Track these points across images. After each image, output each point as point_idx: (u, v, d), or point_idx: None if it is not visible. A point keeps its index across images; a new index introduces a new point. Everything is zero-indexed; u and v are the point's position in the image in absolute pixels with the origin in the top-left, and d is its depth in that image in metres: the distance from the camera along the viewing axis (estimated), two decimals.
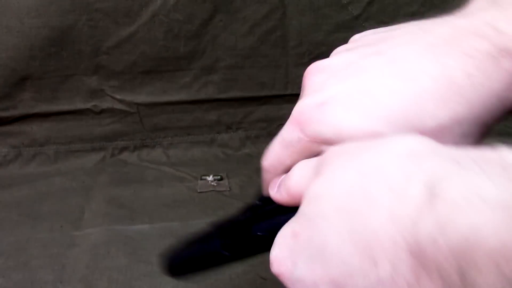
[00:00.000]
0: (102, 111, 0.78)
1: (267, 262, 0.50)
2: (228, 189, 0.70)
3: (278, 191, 0.26)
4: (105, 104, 0.78)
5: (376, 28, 0.28)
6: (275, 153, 0.28)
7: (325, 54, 0.28)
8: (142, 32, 0.74)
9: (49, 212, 0.65)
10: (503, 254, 0.14)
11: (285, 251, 0.22)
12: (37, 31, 0.70)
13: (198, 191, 0.70)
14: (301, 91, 0.27)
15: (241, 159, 0.79)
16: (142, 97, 0.78)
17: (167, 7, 0.73)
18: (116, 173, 0.76)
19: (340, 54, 0.26)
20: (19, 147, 0.78)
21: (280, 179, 0.26)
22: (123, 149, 0.81)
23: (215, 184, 0.71)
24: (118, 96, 0.78)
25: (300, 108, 0.25)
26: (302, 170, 0.24)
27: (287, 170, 0.27)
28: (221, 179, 0.72)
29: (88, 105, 0.77)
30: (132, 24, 0.73)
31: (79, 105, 0.77)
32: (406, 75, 0.23)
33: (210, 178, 0.72)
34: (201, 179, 0.73)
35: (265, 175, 0.29)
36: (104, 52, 0.74)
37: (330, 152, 0.22)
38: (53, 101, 0.76)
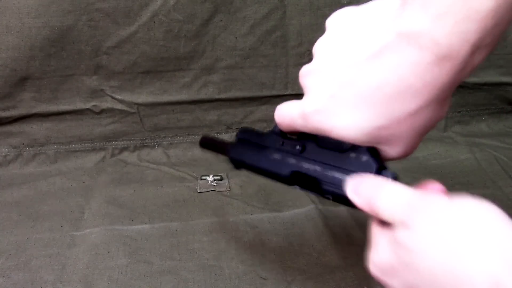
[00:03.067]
0: (102, 111, 0.78)
1: (267, 262, 0.51)
2: (228, 189, 0.70)
3: (358, 198, 0.32)
4: (105, 104, 0.78)
5: None
6: (284, 119, 0.36)
7: None
8: (142, 32, 0.74)
9: (49, 212, 0.65)
10: None
11: (384, 274, 0.30)
12: (37, 31, 0.70)
13: (198, 191, 0.70)
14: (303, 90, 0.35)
15: None
16: (142, 97, 0.78)
17: (167, 7, 0.73)
18: (116, 173, 0.76)
19: (320, 54, 0.34)
20: (19, 147, 0.78)
21: (359, 186, 0.32)
22: (123, 149, 0.81)
23: (215, 184, 0.71)
24: (118, 96, 0.78)
25: (306, 109, 0.34)
26: (393, 204, 0.29)
27: (290, 131, 0.37)
28: (221, 179, 0.72)
29: (88, 105, 0.77)
30: (132, 24, 0.73)
31: (79, 105, 0.77)
32: (373, 84, 0.30)
33: (210, 178, 0.72)
34: (201, 179, 0.73)
35: (277, 125, 0.38)
36: (104, 52, 0.74)
37: (420, 202, 0.28)
38: (53, 101, 0.76)
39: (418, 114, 0.30)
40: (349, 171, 0.33)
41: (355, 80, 0.31)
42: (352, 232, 0.59)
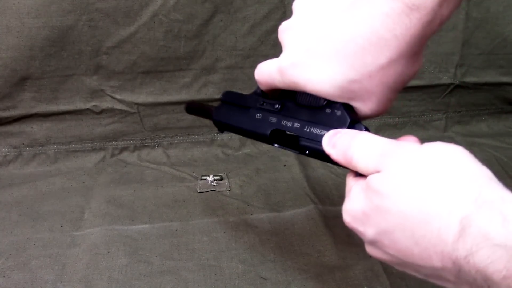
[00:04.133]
0: (102, 111, 0.78)
1: (267, 262, 0.51)
2: (228, 189, 0.70)
3: (334, 150, 0.32)
4: (105, 104, 0.78)
5: None
6: (263, 76, 0.38)
7: None
8: (142, 32, 0.74)
9: (49, 212, 0.65)
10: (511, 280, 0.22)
11: (357, 222, 0.30)
12: (37, 31, 0.70)
13: (198, 191, 0.70)
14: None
15: (241, 159, 0.79)
16: (142, 97, 0.78)
17: (167, 7, 0.73)
18: (116, 173, 0.76)
19: (299, 11, 0.35)
20: (19, 147, 0.78)
21: (335, 137, 0.33)
22: (123, 149, 0.81)
23: (215, 184, 0.71)
24: (118, 96, 0.78)
25: (282, 63, 0.35)
26: (366, 152, 0.30)
27: (269, 88, 0.38)
28: (221, 179, 0.72)
29: (88, 105, 0.77)
30: (132, 24, 0.73)
31: (79, 105, 0.77)
32: (346, 37, 0.31)
33: (210, 178, 0.72)
34: (201, 179, 0.73)
35: (258, 84, 0.40)
36: (104, 52, 0.74)
37: (392, 148, 0.29)
38: (53, 101, 0.76)
39: (389, 67, 0.31)
40: (325, 126, 0.34)
41: (329, 33, 0.32)
42: (352, 232, 0.59)
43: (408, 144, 0.29)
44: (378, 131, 0.87)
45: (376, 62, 0.31)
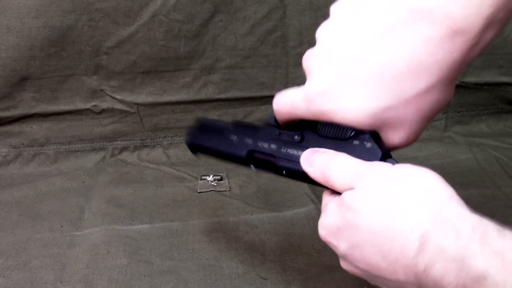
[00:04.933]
0: (102, 111, 0.78)
1: (267, 262, 0.51)
2: (228, 189, 0.70)
3: (312, 168, 0.33)
4: (105, 104, 0.78)
5: None
6: (284, 105, 0.36)
7: None
8: (142, 32, 0.74)
9: (49, 212, 0.65)
10: None
11: (331, 236, 0.32)
12: (37, 31, 0.70)
13: (198, 191, 0.70)
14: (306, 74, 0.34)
15: None
16: (142, 97, 0.78)
17: (167, 7, 0.73)
18: (116, 173, 0.76)
19: (326, 38, 0.33)
20: (19, 147, 0.78)
21: (313, 157, 0.34)
22: (123, 149, 0.81)
23: (215, 184, 0.71)
24: (118, 96, 0.78)
25: (310, 91, 0.33)
26: (342, 171, 0.31)
27: (289, 119, 0.37)
28: (221, 179, 0.72)
29: (88, 105, 0.77)
30: (132, 24, 0.73)
31: (79, 105, 0.77)
32: (383, 61, 0.30)
33: (210, 178, 0.72)
34: (201, 179, 0.73)
35: (276, 114, 0.38)
36: (104, 52, 0.74)
37: (366, 169, 0.30)
38: (53, 101, 0.76)
39: (426, 93, 0.30)
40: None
41: (364, 58, 0.31)
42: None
43: (381, 165, 0.30)
44: None
45: (414, 87, 0.30)
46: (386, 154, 0.32)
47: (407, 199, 0.28)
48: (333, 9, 0.34)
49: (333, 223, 0.32)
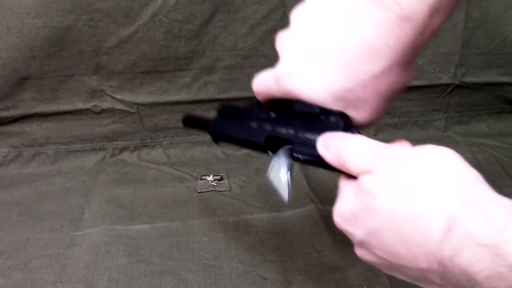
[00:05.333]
0: (102, 111, 0.78)
1: (267, 262, 0.51)
2: (228, 189, 0.70)
3: (328, 152, 0.33)
4: (105, 104, 0.78)
5: None
6: (260, 86, 0.38)
7: None
8: (142, 32, 0.74)
9: (49, 212, 0.65)
10: (495, 280, 0.23)
11: (347, 223, 0.30)
12: (37, 31, 0.70)
13: (198, 191, 0.70)
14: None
15: (241, 159, 0.79)
16: (142, 97, 0.78)
17: (167, 7, 0.73)
18: (116, 173, 0.76)
19: (296, 21, 0.35)
20: (19, 147, 0.78)
21: (330, 140, 0.33)
22: (123, 149, 0.81)
23: (215, 184, 0.71)
24: (118, 96, 0.78)
25: (278, 71, 0.35)
26: (359, 154, 0.31)
27: (266, 99, 0.38)
28: (221, 179, 0.72)
29: (88, 105, 0.77)
30: (132, 24, 0.73)
31: (79, 105, 0.77)
32: (340, 45, 0.31)
33: (210, 178, 0.72)
34: (201, 179, 0.73)
35: (255, 94, 0.39)
36: (104, 52, 0.74)
37: (384, 150, 0.30)
38: (53, 101, 0.76)
39: (382, 76, 0.31)
40: (319, 131, 0.34)
41: (324, 42, 0.32)
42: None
43: (400, 147, 0.30)
44: (378, 131, 0.87)
45: (369, 71, 0.31)
46: (347, 126, 0.34)
47: (429, 180, 0.26)
48: None
49: (349, 209, 0.30)
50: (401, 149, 0.29)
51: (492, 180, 0.28)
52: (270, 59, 0.79)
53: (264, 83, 0.37)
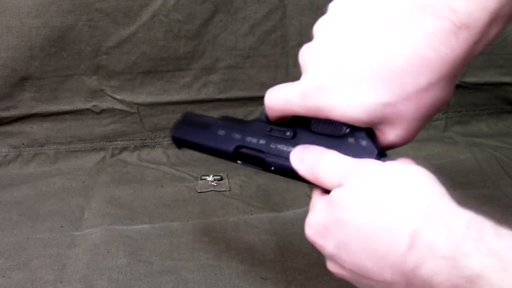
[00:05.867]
0: (102, 111, 0.78)
1: (267, 262, 0.51)
2: (228, 189, 0.70)
3: (302, 165, 0.33)
4: (105, 104, 0.78)
5: None
6: (277, 101, 0.35)
7: None
8: (142, 32, 0.74)
9: (49, 212, 0.65)
10: None
11: (318, 235, 0.31)
12: (37, 31, 0.70)
13: (198, 191, 0.70)
14: (301, 69, 0.34)
15: None
16: (142, 97, 0.78)
17: (167, 7, 0.73)
18: (116, 173, 0.76)
19: (323, 33, 0.33)
20: (19, 147, 0.78)
21: (303, 153, 0.33)
22: (123, 149, 0.81)
23: (215, 184, 0.71)
24: (118, 96, 0.78)
25: (306, 86, 0.32)
26: (332, 169, 0.31)
27: (282, 115, 0.35)
28: (221, 179, 0.72)
29: (88, 105, 0.77)
30: (132, 24, 0.73)
31: (79, 105, 0.77)
32: (384, 57, 0.29)
33: (210, 178, 0.72)
34: (201, 179, 0.73)
35: (267, 110, 0.36)
36: (104, 52, 0.74)
37: (356, 165, 0.30)
38: (53, 101, 0.76)
39: (427, 90, 0.29)
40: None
41: (364, 54, 0.30)
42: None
43: (372, 161, 0.30)
44: None
45: (415, 84, 0.29)
46: (382, 153, 0.32)
47: (396, 195, 0.27)
48: (332, 5, 0.33)
49: (320, 221, 0.31)
50: (373, 165, 0.29)
51: (492, 180, 0.28)
52: (270, 59, 0.79)
53: (283, 98, 0.34)
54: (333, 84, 0.31)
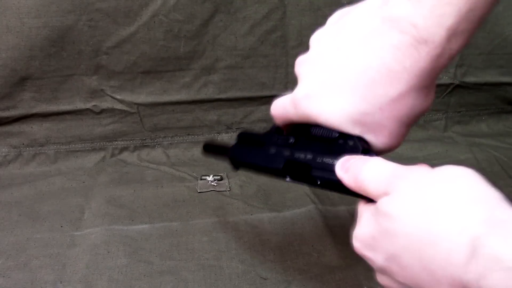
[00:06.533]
0: (102, 111, 0.78)
1: (267, 262, 0.51)
2: (228, 189, 0.70)
3: (346, 174, 0.32)
4: (105, 104, 0.78)
5: None
6: (278, 110, 0.38)
7: None
8: (142, 32, 0.74)
9: (49, 212, 0.65)
10: None
11: (366, 247, 0.30)
12: (37, 31, 0.70)
13: (198, 191, 0.70)
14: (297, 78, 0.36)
15: None
16: (142, 97, 0.78)
17: (167, 7, 0.73)
18: (116, 173, 0.76)
19: (316, 45, 0.35)
20: (19, 147, 0.78)
21: (348, 163, 0.33)
22: (123, 149, 0.81)
23: (215, 184, 0.71)
24: (118, 96, 0.78)
25: (296, 95, 0.35)
26: (377, 176, 0.30)
27: (284, 123, 0.38)
28: (221, 179, 0.72)
29: (88, 105, 0.77)
30: (132, 24, 0.73)
31: (79, 105, 0.77)
32: (358, 68, 0.31)
33: (210, 178, 0.72)
34: (201, 179, 0.73)
35: (273, 119, 0.39)
36: (104, 52, 0.74)
37: (402, 171, 0.29)
38: (53, 101, 0.76)
39: (399, 100, 0.31)
40: (337, 155, 0.34)
41: (343, 66, 0.32)
42: (352, 232, 0.59)
43: (419, 167, 0.29)
44: None
45: (386, 94, 0.31)
46: (365, 150, 0.33)
47: (451, 200, 0.25)
48: (330, 18, 0.36)
49: (368, 233, 0.29)
50: (421, 170, 0.28)
51: (492, 180, 0.28)
52: (270, 59, 0.79)
53: (282, 106, 0.37)
54: (318, 92, 0.33)
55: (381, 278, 0.30)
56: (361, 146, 0.33)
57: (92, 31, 0.72)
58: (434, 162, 0.78)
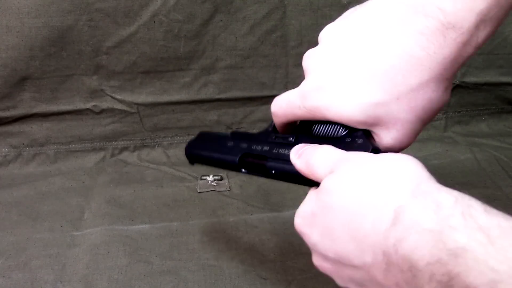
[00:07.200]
0: (102, 111, 0.78)
1: (267, 262, 0.51)
2: (228, 189, 0.70)
3: (299, 160, 0.33)
4: (105, 104, 0.78)
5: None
6: (280, 105, 0.37)
7: None
8: (142, 32, 0.74)
9: (49, 212, 0.65)
10: (435, 266, 0.22)
11: (305, 223, 0.31)
12: (37, 31, 0.70)
13: (198, 191, 0.70)
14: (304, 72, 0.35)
15: None
16: (142, 97, 0.78)
17: (167, 7, 0.73)
18: (116, 173, 0.76)
19: (327, 39, 0.34)
20: (19, 147, 0.78)
21: (303, 149, 0.34)
22: (123, 149, 0.81)
23: (215, 184, 0.71)
24: (118, 96, 0.78)
25: (305, 87, 0.34)
26: (325, 159, 0.31)
27: (286, 120, 0.37)
28: (221, 179, 0.72)
29: (88, 105, 0.77)
30: (132, 24, 0.73)
31: (79, 105, 0.77)
32: (377, 56, 0.30)
33: (210, 178, 0.72)
34: (201, 179, 0.73)
35: (273, 117, 0.38)
36: (104, 52, 0.74)
37: (348, 155, 0.30)
38: (53, 101, 0.76)
39: (418, 90, 0.30)
40: None
41: (360, 55, 0.31)
42: None
43: (363, 153, 0.30)
44: None
45: (406, 83, 0.30)
46: (375, 149, 0.32)
47: (384, 176, 0.27)
48: (343, 14, 0.35)
49: (309, 209, 0.31)
50: (364, 154, 0.30)
51: (492, 180, 0.28)
52: (270, 59, 0.79)
53: (285, 101, 0.36)
54: (330, 84, 0.32)
55: (316, 259, 0.31)
56: (371, 146, 0.32)
57: (92, 31, 0.72)
58: (434, 162, 0.78)
